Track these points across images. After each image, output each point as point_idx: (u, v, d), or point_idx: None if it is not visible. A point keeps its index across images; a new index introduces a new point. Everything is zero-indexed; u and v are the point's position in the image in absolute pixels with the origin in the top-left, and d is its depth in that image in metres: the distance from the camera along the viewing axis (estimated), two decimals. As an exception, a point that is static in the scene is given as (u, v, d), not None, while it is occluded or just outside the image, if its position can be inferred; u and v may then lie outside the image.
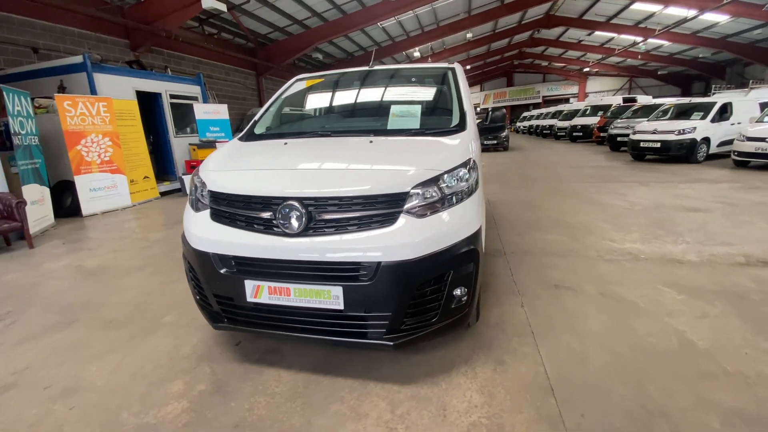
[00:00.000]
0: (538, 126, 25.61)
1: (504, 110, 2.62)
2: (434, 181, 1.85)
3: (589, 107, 18.39)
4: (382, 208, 1.79)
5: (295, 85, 3.19)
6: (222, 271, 1.92)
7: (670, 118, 10.03)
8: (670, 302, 2.67)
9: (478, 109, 41.67)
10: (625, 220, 4.73)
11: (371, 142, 2.21)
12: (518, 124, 32.16)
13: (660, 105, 11.29)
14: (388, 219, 1.78)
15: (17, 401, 1.95)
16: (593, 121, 16.47)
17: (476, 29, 20.25)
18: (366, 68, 3.18)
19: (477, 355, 2.17)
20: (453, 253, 1.82)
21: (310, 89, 3.15)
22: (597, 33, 21.81)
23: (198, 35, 12.32)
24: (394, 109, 2.60)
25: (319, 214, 1.80)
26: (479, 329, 2.43)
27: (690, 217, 4.73)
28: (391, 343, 1.81)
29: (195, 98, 9.17)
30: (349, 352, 2.24)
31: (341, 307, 1.79)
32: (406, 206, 1.79)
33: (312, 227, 1.80)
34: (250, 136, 2.68)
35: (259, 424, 1.74)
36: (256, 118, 2.90)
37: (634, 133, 9.99)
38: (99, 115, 6.39)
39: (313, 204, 1.80)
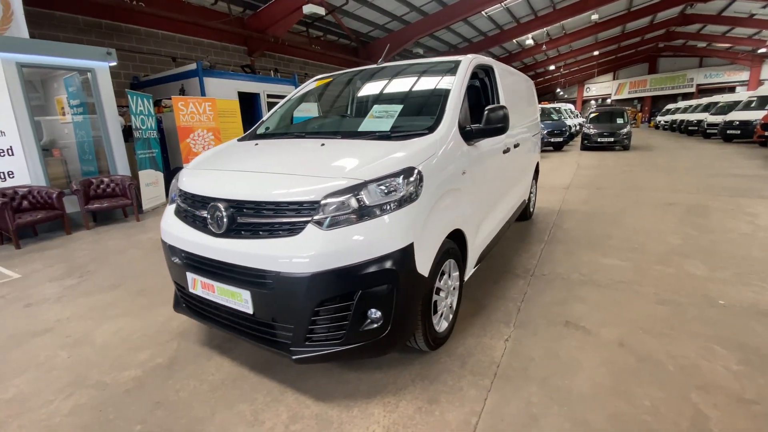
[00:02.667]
0: (682, 121, 21.06)
1: (504, 110, 2.23)
2: (352, 190, 1.70)
3: (755, 98, 14.33)
4: (292, 216, 1.72)
5: (309, 85, 3.25)
6: (175, 260, 2.11)
7: None
8: (716, 372, 1.96)
9: (609, 101, 36.47)
10: (731, 250, 3.60)
11: (322, 145, 2.13)
12: (659, 118, 26.92)
13: None
14: (296, 228, 1.70)
15: (43, 343, 2.49)
16: (758, 115, 12.78)
17: (604, 9, 17.52)
18: (374, 66, 3.07)
19: (413, 387, 1.95)
20: (362, 271, 1.65)
21: (317, 90, 3.17)
22: (781, 1, 16.70)
23: (305, 39, 13.49)
24: (374, 109, 2.46)
25: (240, 217, 1.83)
26: (437, 357, 2.17)
27: (840, 256, 3.35)
28: (293, 357, 1.75)
29: (290, 97, 10.12)
30: (292, 355, 2.24)
31: (251, 311, 1.80)
32: (317, 216, 1.69)
33: (233, 229, 1.84)
34: (249, 137, 2.85)
35: (175, 406, 1.88)
36: (264, 118, 3.06)
37: (806, 132, 7.41)
38: (205, 113, 7.57)
39: (234, 206, 1.84)
